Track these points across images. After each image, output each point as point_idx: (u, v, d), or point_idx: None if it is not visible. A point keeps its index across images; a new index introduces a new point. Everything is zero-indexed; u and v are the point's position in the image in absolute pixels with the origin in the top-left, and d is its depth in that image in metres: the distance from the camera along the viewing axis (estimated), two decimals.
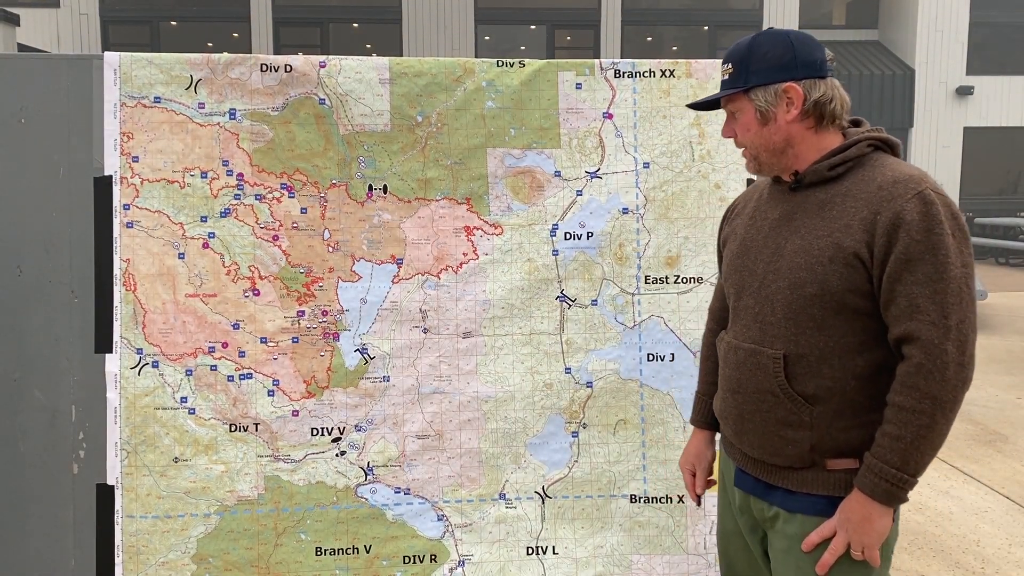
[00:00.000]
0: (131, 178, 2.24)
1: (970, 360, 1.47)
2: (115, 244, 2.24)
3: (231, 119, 2.27)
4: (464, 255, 2.34)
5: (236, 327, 2.28)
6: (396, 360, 2.33)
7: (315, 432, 2.30)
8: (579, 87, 2.36)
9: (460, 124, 2.34)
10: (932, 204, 1.48)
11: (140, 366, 2.25)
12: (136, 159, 2.24)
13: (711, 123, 2.39)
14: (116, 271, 2.24)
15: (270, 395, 2.28)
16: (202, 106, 2.26)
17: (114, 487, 2.24)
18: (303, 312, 2.30)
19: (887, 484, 1.48)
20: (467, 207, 2.35)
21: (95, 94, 2.24)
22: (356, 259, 2.32)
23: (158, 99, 2.25)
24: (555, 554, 2.37)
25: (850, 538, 1.53)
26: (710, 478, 1.94)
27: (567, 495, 2.38)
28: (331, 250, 2.31)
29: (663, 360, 2.39)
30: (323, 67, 2.28)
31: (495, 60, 2.35)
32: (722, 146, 2.39)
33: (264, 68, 2.27)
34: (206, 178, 2.27)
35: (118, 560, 2.24)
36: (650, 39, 16.89)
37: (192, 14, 15.83)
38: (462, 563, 2.35)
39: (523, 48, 16.54)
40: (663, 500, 2.39)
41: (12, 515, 2.27)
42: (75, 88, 2.24)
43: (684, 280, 2.39)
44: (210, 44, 15.75)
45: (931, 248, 1.46)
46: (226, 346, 2.27)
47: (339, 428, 2.31)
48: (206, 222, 2.27)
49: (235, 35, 15.80)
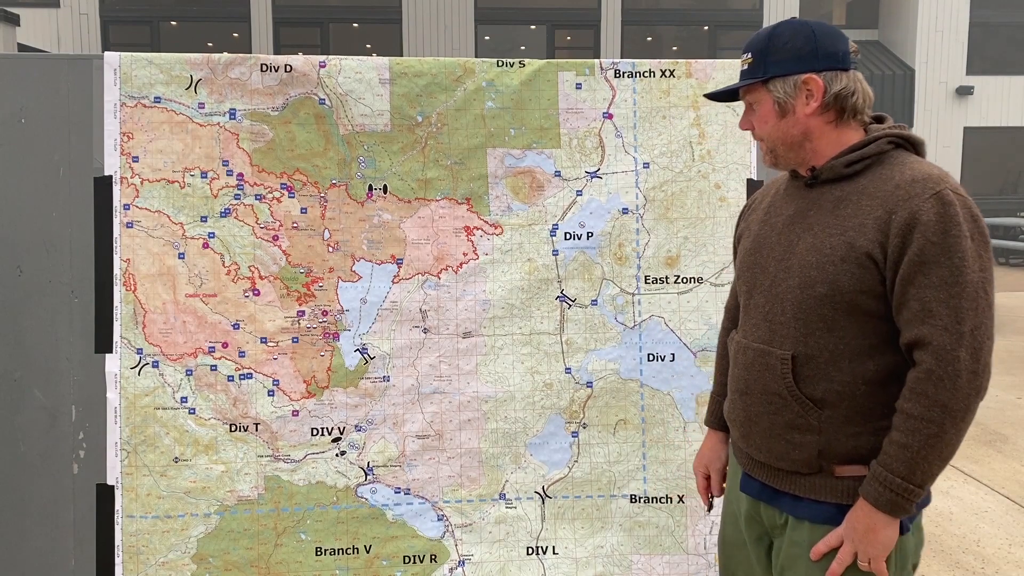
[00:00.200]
0: (131, 178, 2.25)
1: (985, 368, 1.41)
2: (115, 244, 2.24)
3: (231, 119, 2.27)
4: (464, 255, 2.35)
5: (236, 327, 2.28)
6: (396, 360, 2.33)
7: (315, 432, 2.30)
8: (579, 87, 2.36)
9: (460, 124, 2.34)
10: (950, 205, 1.41)
11: (140, 366, 2.25)
12: (136, 159, 2.24)
13: (711, 123, 2.39)
14: (116, 271, 2.24)
15: (270, 395, 2.29)
16: (202, 106, 2.26)
17: (114, 487, 2.25)
18: (303, 312, 2.30)
19: (891, 494, 1.43)
20: (467, 207, 2.35)
21: (95, 94, 2.24)
22: (356, 259, 2.32)
23: (158, 99, 2.25)
24: (555, 554, 2.37)
25: (856, 548, 1.47)
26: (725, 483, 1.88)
27: (567, 495, 2.38)
28: (331, 250, 2.31)
29: (663, 360, 2.39)
30: (323, 67, 2.28)
31: (495, 60, 2.35)
32: (722, 146, 2.39)
33: (264, 68, 2.27)
34: (206, 178, 2.27)
35: (118, 560, 2.24)
36: (650, 39, 16.90)
37: (192, 14, 15.83)
38: (462, 563, 2.35)
39: (523, 48, 16.54)
40: (663, 500, 2.39)
41: (12, 515, 2.27)
42: (75, 88, 2.24)
43: (684, 280, 2.39)
44: (210, 44, 15.76)
45: (947, 250, 1.40)
46: (226, 346, 2.27)
47: (339, 428, 2.31)
48: (206, 222, 2.27)
49: (235, 35, 15.81)
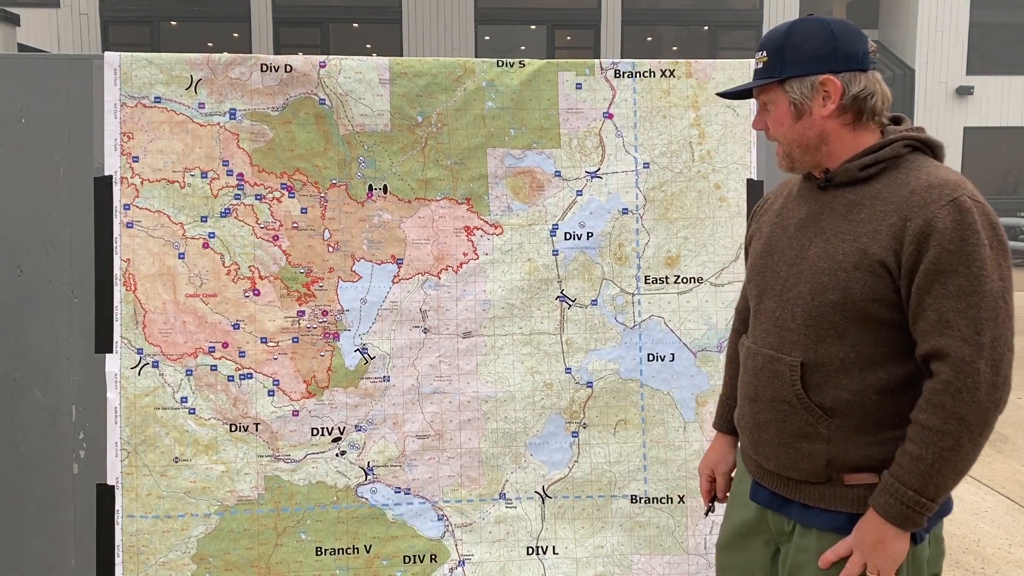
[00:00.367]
0: (131, 178, 2.25)
1: (1005, 381, 1.37)
2: (115, 244, 2.24)
3: (231, 119, 2.27)
4: (464, 255, 2.35)
5: (236, 327, 2.28)
6: (396, 360, 2.33)
7: (315, 432, 2.30)
8: (579, 87, 2.36)
9: (460, 124, 2.34)
10: (968, 212, 1.37)
11: (140, 366, 2.25)
12: (136, 159, 2.24)
13: (711, 123, 2.39)
14: (116, 271, 2.24)
15: (270, 395, 2.29)
16: (202, 106, 2.26)
17: (114, 487, 2.25)
18: (303, 312, 2.30)
19: (902, 506, 1.39)
20: (467, 207, 2.35)
21: (95, 94, 2.24)
22: (356, 259, 2.32)
23: (158, 99, 2.25)
24: (555, 554, 2.37)
25: (865, 560, 1.44)
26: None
27: (567, 495, 2.38)
28: (331, 250, 2.31)
29: (663, 360, 2.39)
30: (323, 67, 2.28)
31: (495, 60, 2.35)
32: (722, 146, 2.39)
33: (264, 68, 2.27)
34: (206, 178, 2.27)
35: (118, 560, 2.24)
36: (650, 39, 16.90)
37: (192, 14, 15.83)
38: (462, 563, 2.35)
39: (523, 48, 16.54)
40: (663, 500, 2.39)
41: (12, 515, 2.27)
42: (75, 88, 2.24)
43: (684, 280, 2.39)
44: (210, 44, 15.75)
45: (965, 259, 1.36)
46: (226, 346, 2.27)
47: (339, 428, 2.31)
48: (206, 222, 2.27)
49: (235, 35, 15.81)
